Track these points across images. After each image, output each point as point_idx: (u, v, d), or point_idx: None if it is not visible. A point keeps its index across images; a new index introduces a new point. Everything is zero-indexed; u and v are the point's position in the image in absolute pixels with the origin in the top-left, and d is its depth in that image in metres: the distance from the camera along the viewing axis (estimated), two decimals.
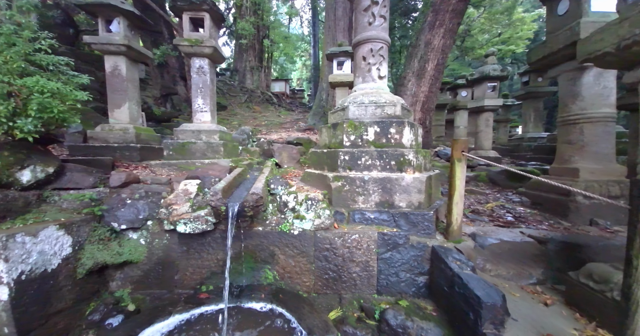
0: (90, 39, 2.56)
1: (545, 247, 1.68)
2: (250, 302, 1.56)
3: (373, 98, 2.14)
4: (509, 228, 1.92)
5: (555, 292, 1.48)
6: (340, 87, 4.99)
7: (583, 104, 1.96)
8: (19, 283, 1.22)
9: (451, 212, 1.78)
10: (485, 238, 1.75)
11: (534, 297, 1.43)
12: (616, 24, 1.12)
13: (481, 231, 1.85)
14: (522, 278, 1.60)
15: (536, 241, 1.70)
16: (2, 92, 1.32)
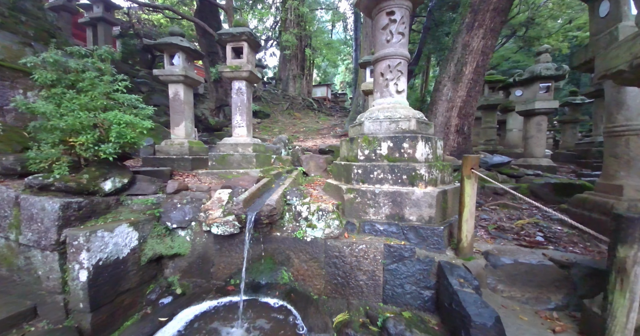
0: (158, 71, 3.19)
1: (568, 272, 1.53)
2: (266, 298, 1.81)
3: (388, 114, 2.22)
4: (533, 248, 1.78)
5: (572, 320, 1.36)
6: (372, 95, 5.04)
7: (628, 114, 1.70)
8: (97, 268, 1.67)
9: (461, 228, 1.76)
10: (498, 258, 1.67)
11: (544, 323, 1.35)
12: (630, 41, 1.05)
13: (497, 250, 1.77)
14: (539, 302, 1.50)
15: (557, 265, 1.57)
16: (89, 124, 1.83)
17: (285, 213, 2.05)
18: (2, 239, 1.75)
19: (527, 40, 12.02)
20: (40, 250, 1.65)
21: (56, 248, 1.62)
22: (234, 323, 1.57)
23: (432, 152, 2.18)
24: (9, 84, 2.78)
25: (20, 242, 1.69)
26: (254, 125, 8.68)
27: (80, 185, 1.81)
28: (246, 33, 2.93)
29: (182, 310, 1.67)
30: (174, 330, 1.51)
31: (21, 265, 1.73)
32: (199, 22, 6.99)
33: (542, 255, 1.67)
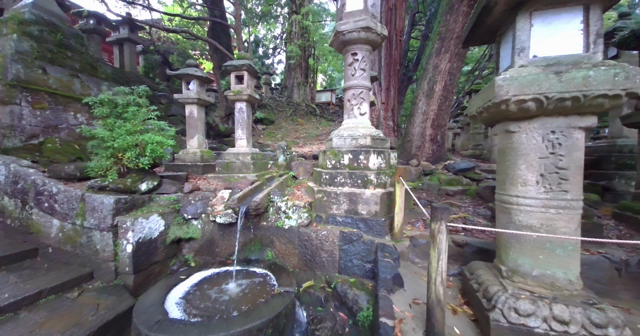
0: (177, 96, 3.97)
1: (462, 249, 2.14)
2: (254, 268, 2.50)
3: (351, 132, 2.87)
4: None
5: (460, 281, 1.96)
6: None
7: None
8: (138, 244, 2.41)
9: (394, 219, 2.39)
10: (417, 241, 2.29)
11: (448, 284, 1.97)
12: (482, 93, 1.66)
13: (419, 235, 2.38)
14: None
15: (455, 244, 2.17)
16: (132, 144, 2.59)
17: (270, 208, 2.74)
18: (69, 224, 2.53)
19: None
20: (99, 231, 2.42)
21: (111, 229, 2.38)
22: (229, 280, 2.26)
23: (384, 162, 2.82)
24: (62, 108, 3.62)
25: (84, 226, 2.46)
26: (260, 132, 9.46)
27: (125, 187, 2.57)
28: (246, 65, 3.66)
29: (195, 274, 2.38)
30: (190, 283, 2.22)
31: (83, 242, 2.49)
32: (211, 41, 7.85)
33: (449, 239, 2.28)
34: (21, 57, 3.28)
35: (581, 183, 1.36)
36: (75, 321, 1.85)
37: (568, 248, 1.38)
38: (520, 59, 1.41)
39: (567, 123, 1.34)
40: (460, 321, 1.58)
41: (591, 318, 1.25)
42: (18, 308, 1.93)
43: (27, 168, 2.68)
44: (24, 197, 2.61)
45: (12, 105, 3.06)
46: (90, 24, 7.23)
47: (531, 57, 1.40)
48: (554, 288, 1.39)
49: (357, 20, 2.69)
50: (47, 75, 3.41)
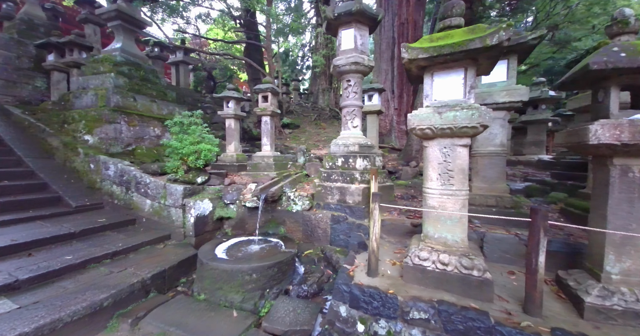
0: (220, 112, 5.24)
1: (415, 228, 2.93)
2: (271, 238, 3.55)
3: (344, 142, 3.78)
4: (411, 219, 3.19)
5: None
6: (370, 114, 6.46)
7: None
8: (197, 217, 3.63)
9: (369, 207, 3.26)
10: (385, 222, 3.14)
11: (395, 251, 2.80)
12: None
13: (389, 219, 3.22)
14: (401, 244, 2.95)
15: (412, 225, 2.97)
16: (193, 151, 3.82)
17: (282, 197, 3.79)
18: (156, 203, 3.85)
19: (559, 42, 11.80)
20: (174, 207, 3.69)
21: (181, 207, 3.63)
22: (253, 244, 3.35)
23: (370, 164, 3.69)
24: (146, 124, 5.09)
25: (165, 204, 3.76)
26: (286, 135, 10.67)
27: (189, 179, 3.82)
28: (269, 88, 4.77)
29: (230, 239, 3.52)
30: (229, 244, 3.35)
31: (164, 215, 3.79)
32: (246, 59, 9.25)
33: (410, 222, 3.07)
34: (118, 89, 4.77)
35: (464, 179, 2.15)
36: (163, 259, 3.08)
37: (454, 220, 2.18)
38: (426, 102, 2.23)
39: (452, 142, 2.14)
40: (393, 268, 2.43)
41: (462, 263, 2.04)
42: (128, 252, 3.21)
43: (128, 166, 4.09)
44: (128, 185, 4.01)
45: (115, 124, 4.54)
46: (155, 51, 9.08)
47: (433, 100, 2.21)
48: (445, 246, 2.20)
49: (348, 57, 3.60)
50: (136, 102, 4.89)
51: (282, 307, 2.34)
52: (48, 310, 2.00)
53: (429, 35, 2.11)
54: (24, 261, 2.58)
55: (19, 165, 4.19)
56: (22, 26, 6.47)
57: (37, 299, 2.15)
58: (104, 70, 4.81)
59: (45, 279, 2.39)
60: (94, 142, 4.41)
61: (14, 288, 2.22)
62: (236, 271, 2.54)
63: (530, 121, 6.15)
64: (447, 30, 2.08)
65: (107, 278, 2.50)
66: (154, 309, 2.33)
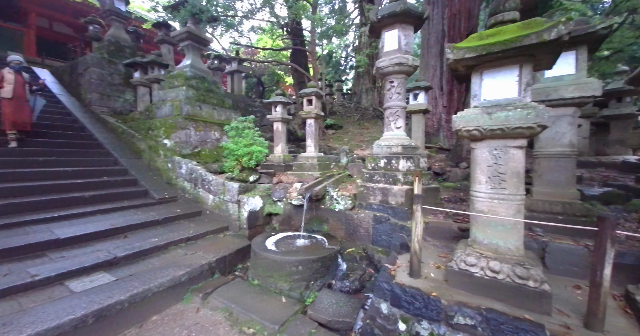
0: (269, 116, 5.69)
1: (463, 232, 2.79)
2: (315, 235, 3.77)
3: (386, 143, 3.80)
4: (459, 223, 3.04)
5: None
6: (415, 114, 6.26)
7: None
8: (249, 212, 4.05)
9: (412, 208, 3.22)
10: (429, 225, 3.06)
11: (440, 255, 2.74)
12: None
13: (434, 222, 3.13)
14: (447, 248, 2.86)
15: (459, 230, 2.83)
16: (246, 152, 4.26)
17: (326, 196, 3.98)
18: (217, 198, 4.40)
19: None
20: (231, 202, 4.18)
21: (237, 202, 4.10)
22: (298, 239, 3.61)
23: (413, 165, 3.64)
24: (208, 129, 5.81)
25: (224, 199, 4.28)
26: (329, 136, 10.91)
27: (243, 178, 4.29)
28: (314, 92, 5.01)
29: (277, 234, 3.85)
30: (277, 238, 3.67)
31: (224, 208, 4.32)
32: (291, 64, 9.75)
33: (457, 226, 2.94)
34: (188, 100, 5.55)
35: (518, 183, 2.03)
36: (224, 246, 3.53)
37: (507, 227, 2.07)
38: (474, 102, 2.16)
39: (504, 144, 2.04)
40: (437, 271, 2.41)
41: (515, 272, 1.94)
42: (197, 238, 3.75)
43: (195, 165, 4.75)
44: (195, 182, 4.67)
45: (186, 130, 5.30)
46: (215, 63, 10.21)
47: (482, 100, 2.13)
48: (496, 253, 2.10)
49: (391, 58, 3.61)
50: (201, 110, 5.64)
51: (325, 299, 2.51)
52: (140, 281, 2.52)
53: (478, 32, 2.05)
54: (120, 242, 3.26)
55: (116, 164, 5.21)
56: (110, 47, 7.90)
57: (131, 273, 2.71)
58: (178, 84, 5.65)
59: (137, 257, 2.99)
60: (171, 145, 5.24)
61: (112, 263, 2.83)
62: (284, 262, 2.80)
63: (613, 116, 5.23)
64: (499, 26, 1.99)
65: (183, 259, 3.01)
66: (219, 287, 2.74)
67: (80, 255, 2.75)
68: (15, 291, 2.19)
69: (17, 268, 2.44)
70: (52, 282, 2.34)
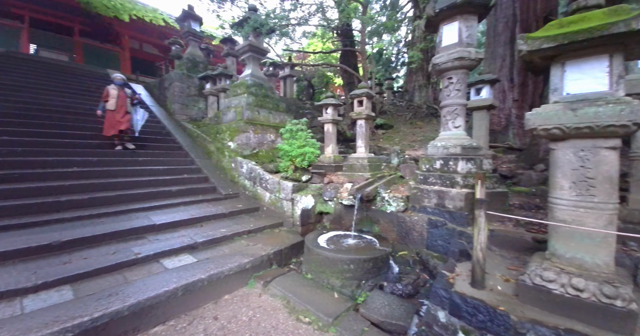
0: (320, 118, 5.89)
1: (538, 243, 2.45)
2: (365, 235, 3.79)
3: (443, 143, 3.58)
4: (532, 233, 2.67)
5: None
6: (478, 110, 5.70)
7: None
8: (302, 210, 4.28)
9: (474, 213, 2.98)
10: (494, 233, 2.78)
11: (509, 267, 2.48)
12: None
13: (501, 229, 2.82)
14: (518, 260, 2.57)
15: (533, 240, 2.50)
16: (300, 153, 4.51)
17: (377, 197, 3.95)
18: (273, 195, 4.78)
19: None
20: (285, 200, 4.49)
21: (290, 200, 4.39)
22: (349, 238, 3.68)
23: (475, 167, 3.37)
24: (265, 132, 6.31)
25: (279, 197, 4.62)
26: (379, 136, 10.67)
27: (296, 178, 4.56)
28: (364, 93, 5.01)
29: (328, 232, 3.98)
30: (328, 236, 3.81)
31: (279, 205, 4.66)
32: (341, 66, 9.87)
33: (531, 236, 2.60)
34: (249, 106, 6.13)
35: (611, 190, 1.73)
36: (280, 241, 3.83)
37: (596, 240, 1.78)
38: (554, 96, 1.91)
39: (593, 144, 1.76)
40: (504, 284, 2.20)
41: (602, 290, 1.67)
42: (257, 232, 4.13)
43: (254, 165, 5.24)
44: (254, 180, 5.15)
45: (246, 133, 5.86)
46: (270, 70, 10.99)
47: (564, 94, 1.88)
48: (581, 269, 1.83)
49: (450, 53, 3.40)
50: (259, 114, 6.17)
51: (377, 299, 2.53)
52: (215, 264, 2.93)
53: (557, 20, 1.81)
54: (198, 229, 3.81)
55: (192, 163, 6.07)
56: (188, 64, 9.21)
57: (208, 256, 3.16)
58: (240, 92, 6.30)
59: (211, 243, 3.47)
60: (234, 147, 5.87)
61: (193, 247, 3.34)
62: (337, 259, 2.91)
63: None
64: (582, 12, 1.74)
65: (246, 249, 3.38)
66: (277, 277, 3.00)
67: (170, 239, 3.34)
68: (122, 266, 2.77)
69: (123, 247, 3.09)
70: (150, 260, 2.90)
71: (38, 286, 2.25)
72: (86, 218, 3.46)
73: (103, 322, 1.97)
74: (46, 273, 2.39)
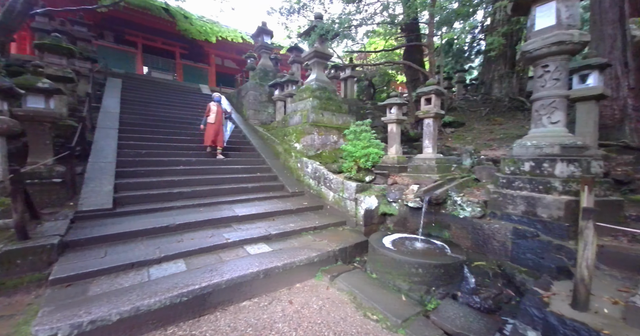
0: (383, 118, 5.79)
1: None
2: (434, 240, 3.57)
3: (535, 142, 3.11)
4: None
5: None
6: (582, 102, 4.70)
7: None
8: (365, 210, 4.30)
9: (576, 225, 2.49)
10: (604, 249, 2.25)
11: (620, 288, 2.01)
12: None
13: (614, 246, 2.27)
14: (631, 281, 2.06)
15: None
16: (363, 154, 4.54)
17: (448, 200, 3.68)
18: (337, 195, 4.94)
19: None
20: (349, 200, 4.59)
21: (354, 200, 4.47)
22: (416, 242, 3.53)
23: (579, 170, 2.83)
24: (328, 133, 6.54)
25: (343, 196, 4.76)
26: (447, 135, 9.79)
27: (359, 178, 4.61)
28: (433, 90, 4.72)
29: (393, 234, 3.90)
30: (393, 238, 3.74)
31: (342, 205, 4.80)
32: (405, 62, 9.45)
33: None
34: (314, 109, 6.46)
35: None
36: (344, 239, 3.95)
37: None
38: None
39: None
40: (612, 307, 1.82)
41: None
42: (321, 228, 4.34)
43: (319, 165, 5.51)
44: (318, 179, 5.43)
45: (311, 135, 6.20)
46: (331, 72, 11.31)
47: None
48: None
49: (546, 38, 2.95)
50: (323, 116, 6.46)
51: (450, 309, 2.39)
52: (287, 255, 3.23)
53: None
54: (271, 223, 4.25)
55: (263, 163, 6.75)
56: (260, 74, 10.24)
57: (280, 247, 3.50)
58: (305, 96, 6.72)
59: (283, 236, 3.83)
60: (300, 148, 6.30)
61: (268, 238, 3.74)
62: (404, 262, 2.85)
63: None
64: None
65: (313, 243, 3.62)
66: (342, 273, 3.13)
67: (250, 229, 3.84)
68: (217, 248, 3.31)
69: (217, 233, 3.68)
70: (237, 245, 3.40)
71: (161, 259, 2.91)
72: (190, 207, 4.26)
73: (208, 291, 2.43)
74: (166, 248, 3.07)
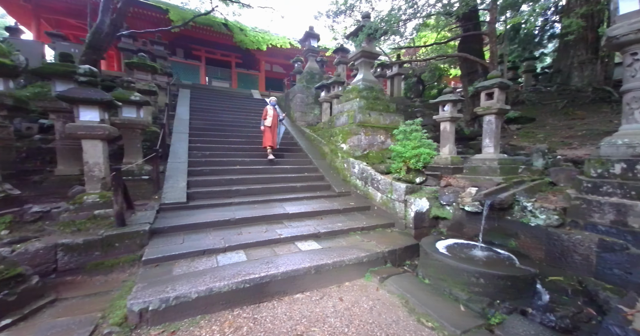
0: (436, 117, 5.45)
1: None
2: (497, 249, 3.24)
3: (628, 140, 2.63)
4: None
5: None
6: None
7: None
8: (416, 212, 4.14)
9: None
10: None
11: None
12: None
13: None
14: None
15: None
16: (414, 155, 4.37)
17: (515, 206, 3.31)
18: (385, 196, 4.85)
19: None
20: (398, 201, 4.47)
21: (403, 201, 4.33)
22: (476, 249, 3.26)
23: None
24: (375, 133, 6.45)
25: (391, 198, 4.65)
26: (512, 132, 8.73)
27: (409, 179, 4.46)
28: (497, 83, 4.28)
29: (447, 239, 3.67)
30: (448, 242, 3.52)
31: (390, 206, 4.70)
32: (460, 55, 8.72)
33: None
34: (360, 109, 6.44)
35: None
36: (392, 241, 3.87)
37: None
38: None
39: None
40: None
41: None
42: (369, 229, 4.31)
43: (366, 166, 5.48)
44: (365, 180, 5.40)
45: (358, 135, 6.20)
46: (378, 71, 11.09)
47: None
48: None
49: (631, 23, 2.47)
50: (370, 116, 6.40)
51: (520, 325, 2.16)
52: (336, 253, 3.32)
53: None
54: (319, 221, 4.39)
55: (310, 163, 6.99)
56: (307, 76, 10.59)
57: (329, 246, 3.61)
58: (352, 97, 6.74)
59: (331, 235, 3.94)
60: (346, 149, 6.35)
61: (317, 236, 3.88)
62: (461, 269, 2.68)
63: None
64: None
65: (361, 244, 3.64)
66: (392, 276, 3.08)
67: (299, 226, 4.05)
68: (271, 242, 3.57)
69: (270, 228, 3.96)
70: (288, 241, 3.62)
71: (226, 249, 3.28)
72: (246, 204, 4.68)
73: (266, 281, 2.66)
74: (229, 239, 3.44)
